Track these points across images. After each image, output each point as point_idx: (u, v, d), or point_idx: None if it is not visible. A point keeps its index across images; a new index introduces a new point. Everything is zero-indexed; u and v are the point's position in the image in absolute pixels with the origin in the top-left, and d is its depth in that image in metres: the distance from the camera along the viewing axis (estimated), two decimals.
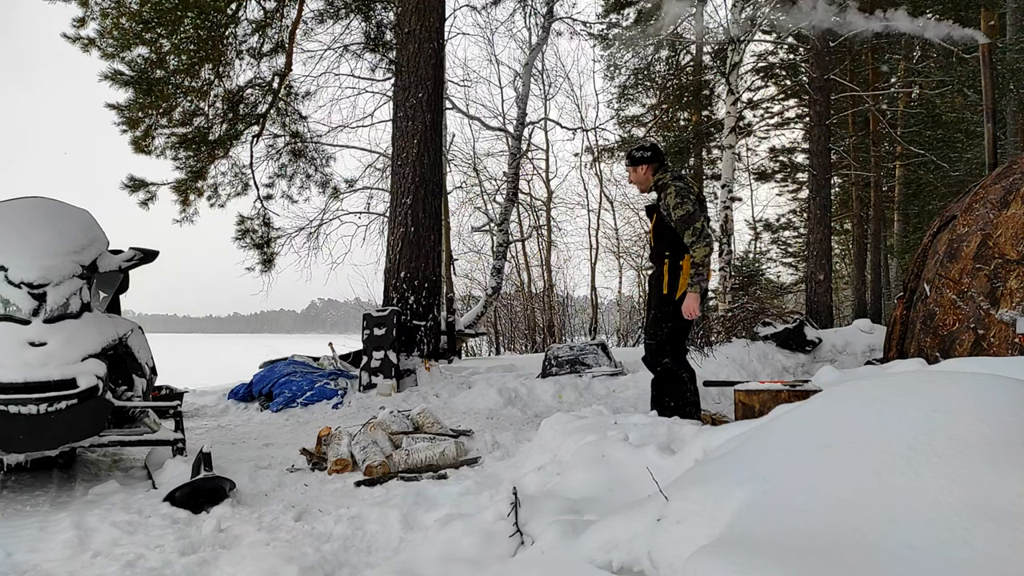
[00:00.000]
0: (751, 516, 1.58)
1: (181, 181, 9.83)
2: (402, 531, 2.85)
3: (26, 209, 4.07)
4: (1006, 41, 10.87)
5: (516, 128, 15.38)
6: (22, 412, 3.31)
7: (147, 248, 4.69)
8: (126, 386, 4.24)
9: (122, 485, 3.63)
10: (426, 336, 8.17)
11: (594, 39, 15.45)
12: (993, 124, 6.31)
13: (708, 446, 2.48)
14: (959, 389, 1.63)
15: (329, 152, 11.80)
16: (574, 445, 3.27)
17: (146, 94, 8.84)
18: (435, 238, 8.54)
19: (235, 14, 9.14)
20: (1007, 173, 5.10)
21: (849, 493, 1.48)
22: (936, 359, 4.62)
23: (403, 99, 8.44)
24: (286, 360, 7.58)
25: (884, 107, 13.99)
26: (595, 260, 20.28)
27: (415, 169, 8.26)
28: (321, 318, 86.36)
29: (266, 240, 11.05)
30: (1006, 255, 4.59)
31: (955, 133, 12.80)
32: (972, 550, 1.24)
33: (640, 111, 16.22)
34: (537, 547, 2.24)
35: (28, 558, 2.64)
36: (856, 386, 1.96)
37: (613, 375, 7.27)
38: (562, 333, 20.08)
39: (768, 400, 2.83)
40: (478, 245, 18.88)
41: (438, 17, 8.70)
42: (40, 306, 3.75)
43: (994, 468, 1.38)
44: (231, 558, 2.52)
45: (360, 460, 3.95)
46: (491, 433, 4.68)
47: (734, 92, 11.61)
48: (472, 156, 18.10)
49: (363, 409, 6.25)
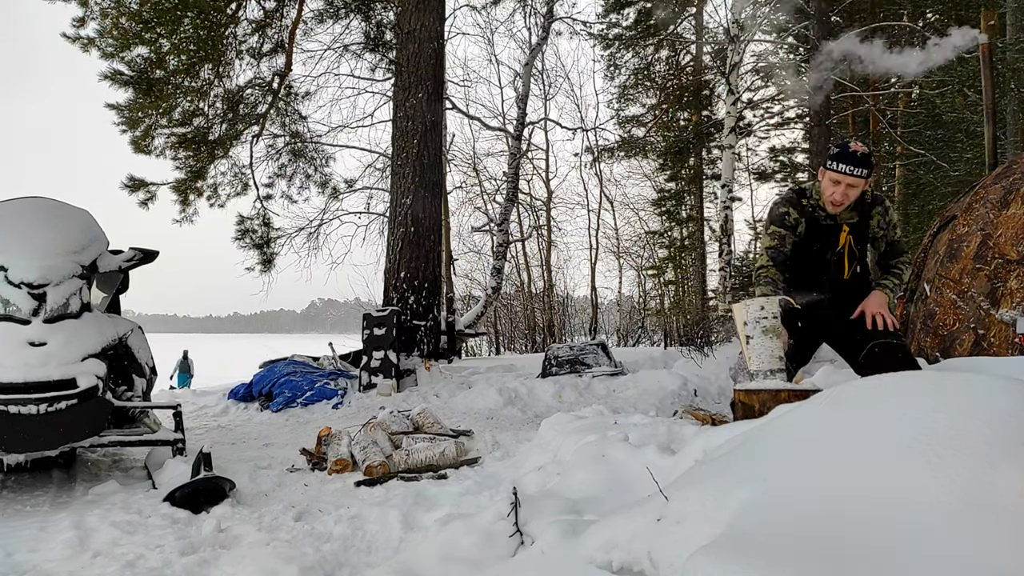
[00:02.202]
0: (751, 516, 1.58)
1: (181, 181, 9.83)
2: (402, 531, 2.85)
3: (26, 209, 4.07)
4: (1006, 41, 10.88)
5: (516, 128, 15.39)
6: (22, 412, 3.31)
7: (147, 248, 4.69)
8: (126, 386, 4.24)
9: (122, 485, 3.63)
10: (426, 336, 8.17)
11: (594, 39, 15.46)
12: (993, 124, 6.31)
13: (708, 446, 2.48)
14: (959, 389, 1.63)
15: (329, 152, 11.84)
16: (574, 445, 3.27)
17: (146, 94, 8.85)
18: (435, 238, 8.55)
19: (235, 14, 9.14)
20: (1007, 173, 5.10)
21: (849, 493, 1.48)
22: (936, 359, 4.62)
23: (403, 99, 8.44)
24: (286, 360, 7.58)
25: (884, 107, 13.99)
26: (595, 260, 20.30)
27: (415, 169, 8.27)
28: (321, 318, 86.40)
29: (266, 240, 11.06)
30: (1006, 255, 4.59)
31: (955, 133, 12.79)
32: (972, 550, 1.24)
33: (640, 111, 16.23)
34: (537, 547, 2.24)
35: (28, 558, 2.64)
36: (856, 386, 1.96)
37: (613, 375, 7.27)
38: (562, 333, 20.08)
39: (768, 400, 2.83)
40: (478, 245, 18.90)
41: (438, 17, 8.70)
42: (40, 306, 3.75)
43: (994, 468, 1.38)
44: (231, 558, 2.52)
45: (360, 460, 3.95)
46: (491, 433, 4.68)
47: (734, 92, 11.61)
48: (472, 156, 18.12)
49: (363, 409, 6.25)
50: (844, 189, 3.28)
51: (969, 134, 12.28)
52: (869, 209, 3.46)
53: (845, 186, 3.27)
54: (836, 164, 3.24)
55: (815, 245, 3.47)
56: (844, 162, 3.24)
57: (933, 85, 11.99)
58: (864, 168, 3.24)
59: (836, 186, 3.28)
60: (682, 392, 6.34)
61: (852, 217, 3.43)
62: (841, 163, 3.24)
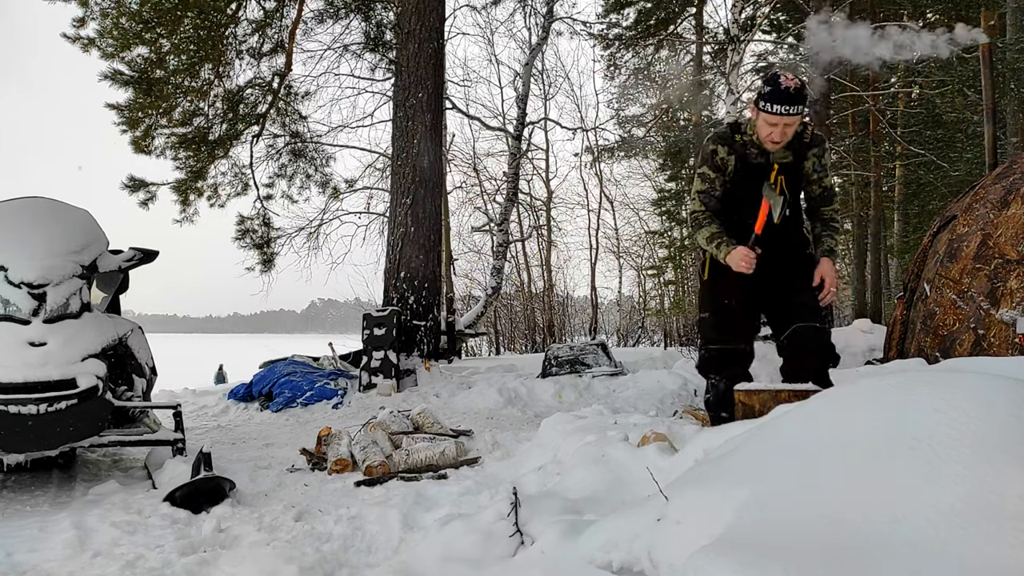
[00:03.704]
0: (751, 516, 1.58)
1: (181, 181, 9.82)
2: (402, 531, 2.85)
3: (26, 209, 4.07)
4: (1006, 41, 10.87)
5: (516, 128, 15.39)
6: (22, 412, 3.31)
7: (147, 248, 4.69)
8: (126, 386, 4.24)
9: (122, 485, 3.62)
10: (426, 336, 8.18)
11: (594, 39, 15.46)
12: (993, 124, 6.30)
13: (708, 446, 2.48)
14: (959, 389, 1.63)
15: (329, 152, 11.82)
16: (574, 445, 3.27)
17: (146, 94, 8.84)
18: (435, 238, 8.55)
19: (235, 14, 9.14)
20: (1007, 173, 5.10)
21: (849, 493, 1.48)
22: (936, 359, 4.61)
23: (403, 99, 8.44)
24: (286, 360, 7.58)
25: (884, 107, 13.99)
26: (595, 260, 20.30)
27: (415, 169, 8.27)
28: (321, 318, 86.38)
29: (266, 240, 11.05)
30: (1006, 255, 4.59)
31: (955, 133, 12.79)
32: (972, 550, 1.24)
33: (640, 111, 16.24)
34: (537, 547, 2.24)
35: (28, 558, 2.63)
36: (856, 386, 1.96)
37: (613, 375, 7.27)
38: (562, 333, 20.09)
39: (768, 400, 2.83)
40: (478, 245, 18.91)
41: (438, 17, 8.71)
42: (40, 306, 3.75)
43: (994, 468, 1.38)
44: (231, 558, 2.52)
45: (360, 460, 3.95)
46: (491, 433, 4.68)
47: (734, 92, 11.61)
48: (472, 156, 18.12)
49: (363, 409, 6.25)
50: (782, 129, 3.09)
51: (969, 134, 12.28)
52: (805, 150, 3.27)
53: (783, 126, 3.08)
54: (769, 105, 3.02)
55: (745, 185, 3.28)
56: (777, 101, 3.00)
57: (933, 85, 11.98)
58: (798, 104, 3.02)
59: (772, 127, 3.09)
60: (682, 392, 6.34)
61: (786, 156, 3.24)
62: (775, 103, 3.01)
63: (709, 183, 3.30)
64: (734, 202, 3.34)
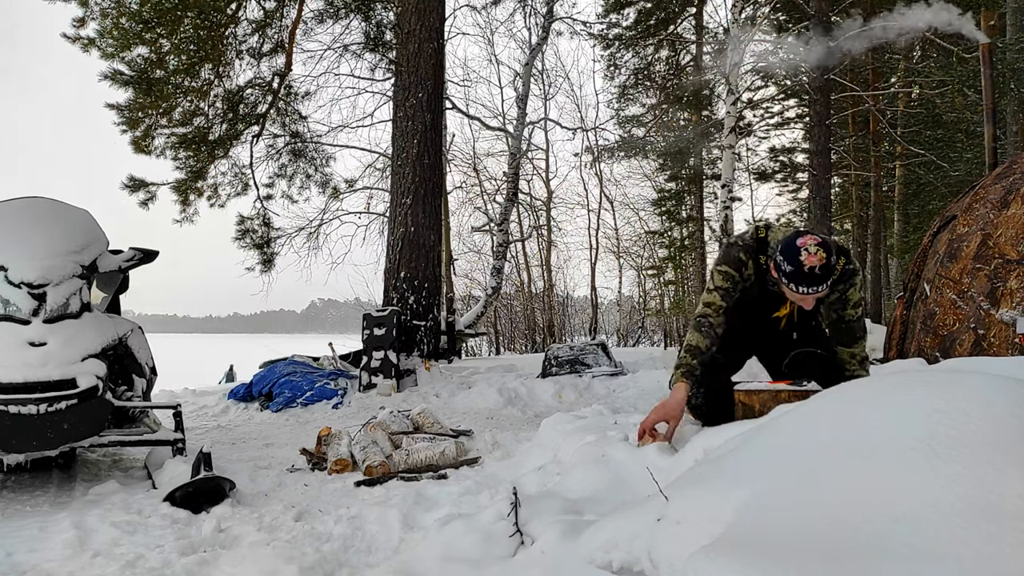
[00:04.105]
0: (751, 516, 1.58)
1: (181, 181, 9.82)
2: (402, 531, 2.85)
3: (26, 209, 4.07)
4: (1006, 41, 10.88)
5: (516, 128, 15.40)
6: (22, 412, 3.31)
7: (147, 248, 4.69)
8: (126, 386, 4.24)
9: (122, 485, 3.62)
10: (426, 336, 8.18)
11: (594, 39, 15.47)
12: (993, 124, 6.31)
13: (708, 446, 2.48)
14: (959, 389, 1.62)
15: (329, 152, 11.81)
16: (574, 445, 3.27)
17: (146, 94, 8.84)
18: (435, 238, 8.55)
19: (235, 14, 9.13)
20: (1007, 173, 5.11)
21: (849, 493, 1.48)
22: (936, 359, 4.62)
23: (403, 99, 8.45)
24: (286, 360, 7.58)
25: (884, 107, 14.00)
26: (595, 260, 20.32)
27: (415, 169, 8.27)
28: (321, 318, 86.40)
29: (266, 240, 11.05)
30: (1006, 255, 4.59)
31: (955, 133, 12.80)
32: (972, 550, 1.24)
33: (640, 111, 16.24)
34: (537, 547, 2.24)
35: (28, 558, 2.63)
36: (856, 386, 1.96)
37: (613, 375, 7.28)
38: (562, 333, 20.10)
39: (768, 400, 2.83)
40: (478, 245, 18.94)
41: (438, 17, 8.71)
42: (40, 306, 3.75)
43: (994, 468, 1.38)
44: (231, 558, 2.52)
45: (360, 460, 3.95)
46: (491, 433, 4.68)
47: (734, 92, 11.61)
48: (472, 156, 18.15)
49: (363, 409, 6.26)
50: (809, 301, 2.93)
51: (969, 134, 12.29)
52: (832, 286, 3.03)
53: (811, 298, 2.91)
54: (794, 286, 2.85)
55: (756, 306, 3.17)
56: (800, 283, 2.83)
57: (933, 85, 11.99)
58: (824, 282, 2.81)
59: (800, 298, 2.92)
60: None
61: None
62: (798, 285, 2.84)
63: (731, 283, 3.12)
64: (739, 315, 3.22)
